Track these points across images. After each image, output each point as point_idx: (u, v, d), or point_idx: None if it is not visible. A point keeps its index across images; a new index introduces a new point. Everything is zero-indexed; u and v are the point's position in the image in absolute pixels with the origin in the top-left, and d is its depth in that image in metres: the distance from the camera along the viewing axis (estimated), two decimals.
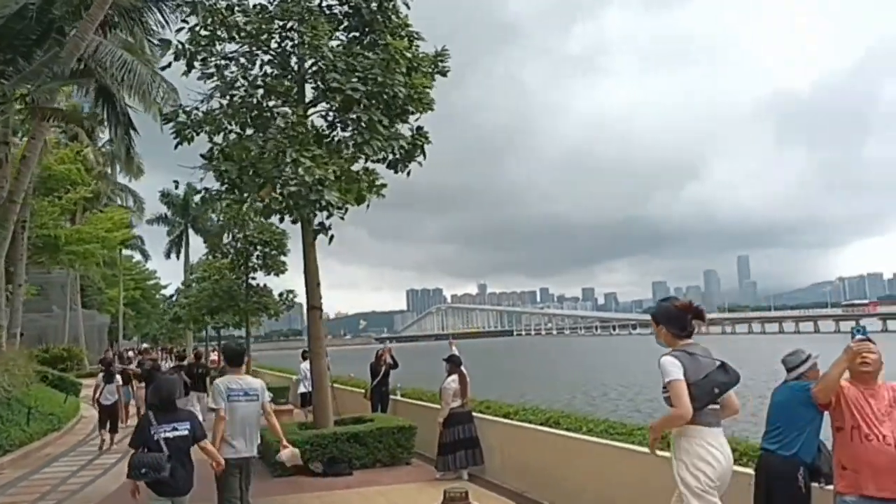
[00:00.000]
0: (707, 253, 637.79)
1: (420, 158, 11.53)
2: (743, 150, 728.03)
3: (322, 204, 10.11)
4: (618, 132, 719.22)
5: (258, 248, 25.37)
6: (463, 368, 10.58)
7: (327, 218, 11.19)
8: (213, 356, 33.37)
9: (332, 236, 11.44)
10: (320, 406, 12.05)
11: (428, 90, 11.20)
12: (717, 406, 4.32)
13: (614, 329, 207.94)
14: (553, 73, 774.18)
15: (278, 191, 10.34)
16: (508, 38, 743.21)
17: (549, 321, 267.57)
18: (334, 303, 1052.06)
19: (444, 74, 11.54)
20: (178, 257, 56.83)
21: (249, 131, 11.18)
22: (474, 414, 10.48)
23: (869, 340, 4.23)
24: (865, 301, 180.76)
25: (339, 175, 10.49)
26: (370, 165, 11.63)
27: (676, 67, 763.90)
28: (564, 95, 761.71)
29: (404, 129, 11.35)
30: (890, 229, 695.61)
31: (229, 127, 11.15)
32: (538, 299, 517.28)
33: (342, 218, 11.09)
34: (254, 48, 11.24)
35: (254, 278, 26.07)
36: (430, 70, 11.36)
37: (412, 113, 11.24)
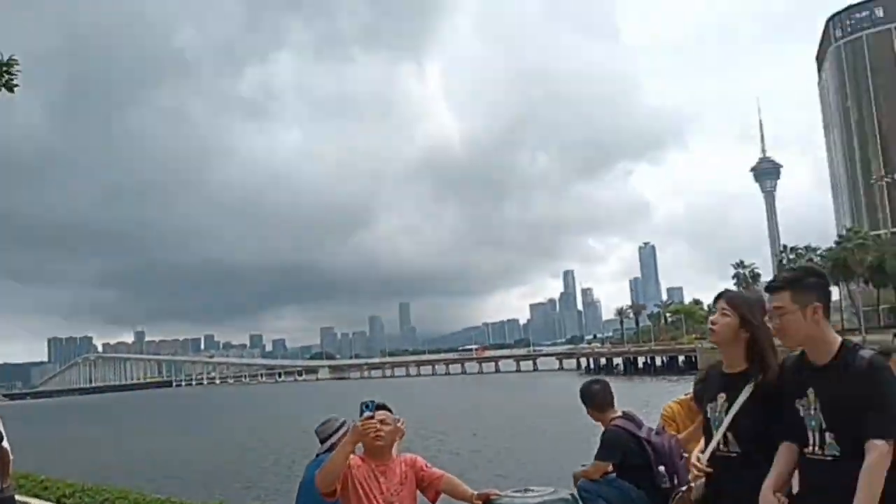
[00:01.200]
0: (373, 299, 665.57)
1: None
2: (404, 203, 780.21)
3: None
4: (288, 179, 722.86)
5: None
6: (5, 443, 6.93)
7: None
8: None
9: None
10: None
11: None
12: None
13: (280, 376, 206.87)
14: (223, 114, 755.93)
15: None
16: (177, 71, 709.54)
17: (213, 370, 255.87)
18: None
19: (10, 89, 9.23)
20: None
21: None
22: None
23: (380, 410, 3.73)
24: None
25: None
26: None
27: (346, 117, 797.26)
28: (234, 138, 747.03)
29: None
30: (526, 281, 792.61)
31: None
32: (203, 347, 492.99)
33: None
34: None
35: None
36: None
37: None
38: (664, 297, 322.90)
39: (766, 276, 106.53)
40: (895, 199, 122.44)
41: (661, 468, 4.23)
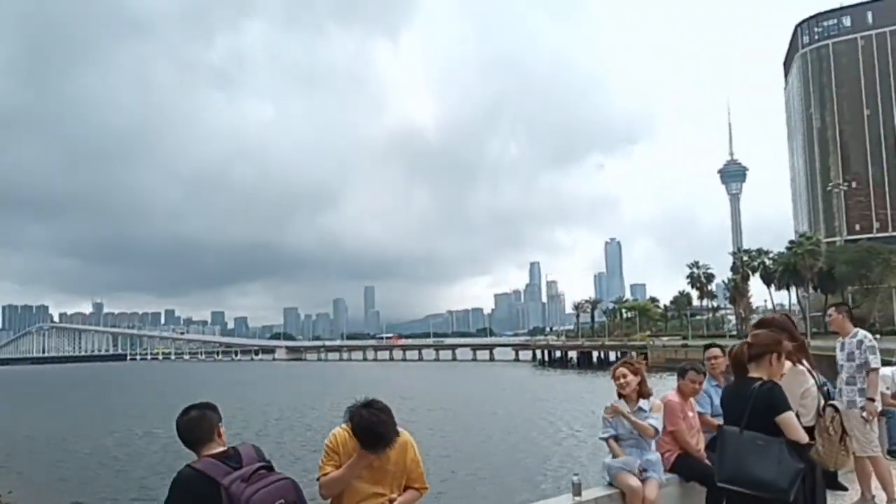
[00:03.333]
0: (338, 281, 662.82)
1: None
2: (374, 184, 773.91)
3: None
4: (256, 153, 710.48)
5: None
6: None
7: None
8: None
9: None
10: None
11: None
12: None
13: (236, 354, 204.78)
14: (189, 82, 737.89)
15: None
16: (140, 34, 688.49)
17: (170, 345, 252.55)
18: None
19: None
20: None
21: None
22: None
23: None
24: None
25: None
26: None
27: (317, 93, 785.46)
28: (199, 107, 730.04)
29: None
30: (493, 269, 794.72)
31: None
32: (163, 321, 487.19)
33: None
34: None
35: None
36: None
37: None
38: (628, 293, 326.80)
39: (722, 276, 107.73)
40: (852, 207, 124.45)
41: None
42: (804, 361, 5.29)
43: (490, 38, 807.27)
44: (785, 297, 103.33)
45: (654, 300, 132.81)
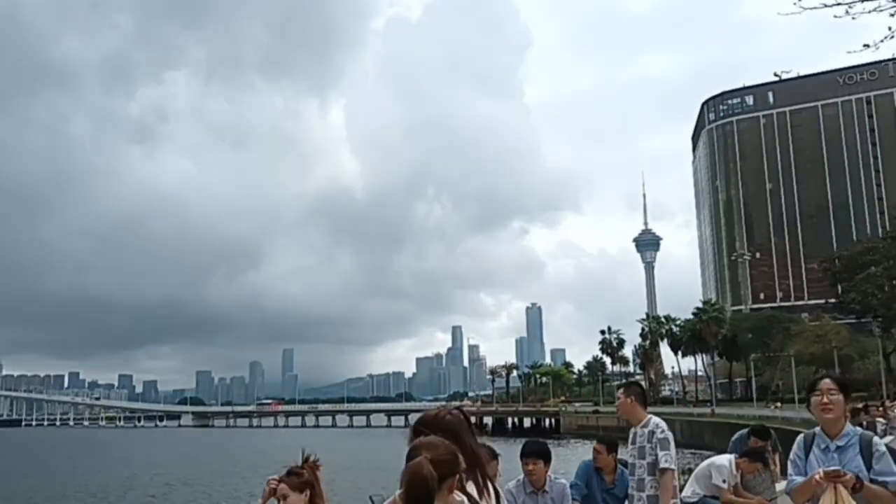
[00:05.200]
0: (255, 343, 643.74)
1: None
2: (297, 245, 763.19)
3: None
4: (174, 209, 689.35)
5: None
6: None
7: None
8: None
9: None
10: None
11: None
12: None
13: (139, 420, 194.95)
14: (108, 133, 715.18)
15: None
16: (57, 82, 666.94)
17: (69, 410, 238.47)
18: None
19: None
20: None
21: None
22: None
23: None
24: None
25: None
26: None
27: (241, 149, 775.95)
28: (118, 160, 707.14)
29: None
30: (416, 333, 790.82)
31: None
32: (67, 384, 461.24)
33: None
34: None
35: None
36: None
37: None
38: (548, 357, 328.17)
39: (635, 342, 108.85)
40: (756, 276, 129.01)
41: None
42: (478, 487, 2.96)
43: (417, 101, 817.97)
44: (692, 364, 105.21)
45: (568, 365, 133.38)
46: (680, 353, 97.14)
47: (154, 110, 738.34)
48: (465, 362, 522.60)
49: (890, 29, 7.20)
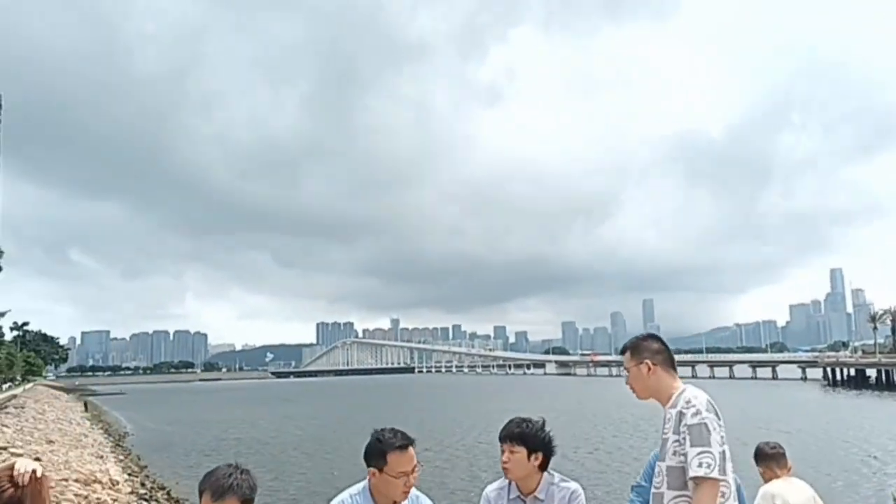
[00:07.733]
0: (615, 294, 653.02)
1: None
2: (653, 192, 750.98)
3: None
4: (529, 168, 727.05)
5: None
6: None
7: None
8: None
9: None
10: None
11: None
12: None
13: (510, 368, 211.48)
14: (464, 100, 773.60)
15: None
16: (415, 58, 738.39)
17: (452, 359, 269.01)
18: (242, 334, 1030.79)
19: None
20: None
21: None
22: None
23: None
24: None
25: None
26: None
27: (588, 98, 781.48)
28: (474, 125, 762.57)
29: None
30: (785, 277, 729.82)
31: None
32: (451, 336, 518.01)
33: None
34: None
35: None
36: None
37: None
38: None
39: None
40: None
41: None
42: None
43: (774, 22, 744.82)
44: None
45: None
46: None
47: (504, 71, 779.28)
48: (849, 308, 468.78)
49: None
